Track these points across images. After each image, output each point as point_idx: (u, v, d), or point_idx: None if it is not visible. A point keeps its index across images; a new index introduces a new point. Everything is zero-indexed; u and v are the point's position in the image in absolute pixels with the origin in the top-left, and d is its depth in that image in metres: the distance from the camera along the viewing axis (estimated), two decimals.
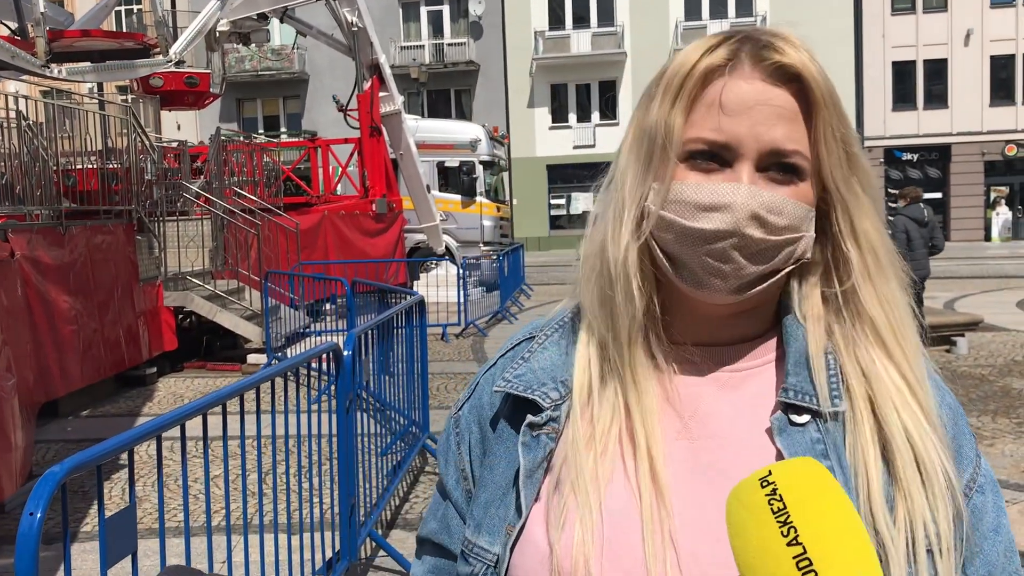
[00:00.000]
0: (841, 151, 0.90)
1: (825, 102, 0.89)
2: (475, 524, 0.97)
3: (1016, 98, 34.75)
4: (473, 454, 1.02)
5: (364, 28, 15.81)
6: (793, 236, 0.90)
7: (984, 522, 0.91)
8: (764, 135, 0.88)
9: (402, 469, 5.59)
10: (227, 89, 18.81)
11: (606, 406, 0.93)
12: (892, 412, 0.88)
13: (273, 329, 10.18)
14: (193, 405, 2.77)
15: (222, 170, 13.42)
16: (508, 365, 1.01)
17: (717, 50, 0.91)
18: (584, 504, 0.87)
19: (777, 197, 0.88)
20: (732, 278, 0.89)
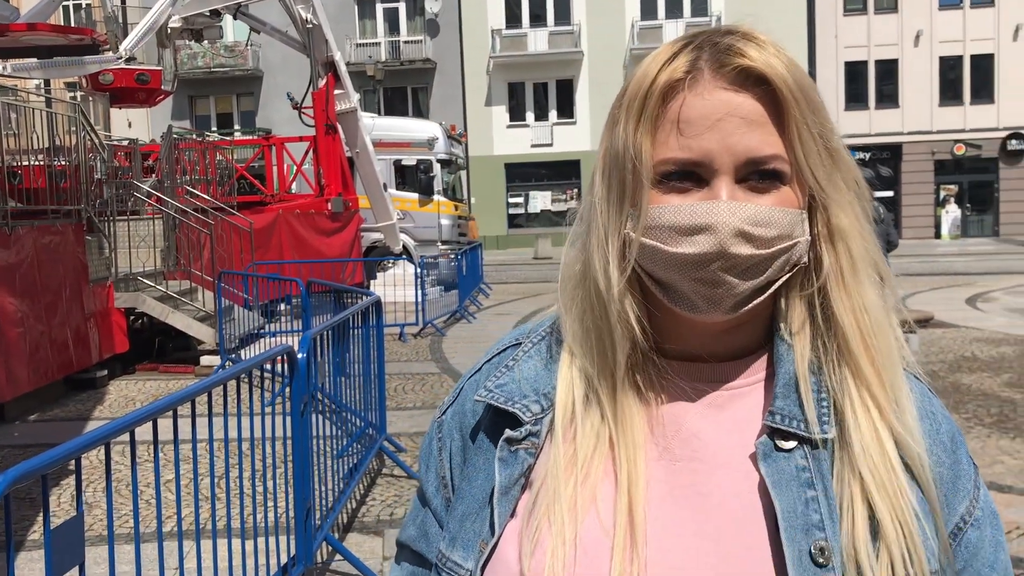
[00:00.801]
0: (820, 146, 0.86)
1: (796, 99, 0.84)
2: (450, 537, 0.94)
3: (964, 98, 35.47)
4: (454, 462, 1.00)
5: (319, 25, 15.66)
6: (786, 245, 0.85)
7: (979, 558, 0.89)
8: (737, 146, 0.83)
9: (359, 471, 5.53)
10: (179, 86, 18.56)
11: (589, 432, 0.90)
12: (860, 451, 0.84)
13: (227, 330, 10.03)
14: (144, 411, 2.71)
15: (174, 169, 13.22)
16: (492, 372, 0.98)
17: (676, 61, 0.87)
18: (558, 534, 0.84)
19: (762, 208, 0.84)
20: (727, 298, 0.85)
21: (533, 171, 36.40)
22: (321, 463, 4.67)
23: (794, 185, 0.86)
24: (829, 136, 0.87)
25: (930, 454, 0.88)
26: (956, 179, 36.16)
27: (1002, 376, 8.87)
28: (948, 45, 35.28)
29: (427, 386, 9.19)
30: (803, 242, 0.87)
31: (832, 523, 0.82)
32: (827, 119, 0.87)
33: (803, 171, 0.85)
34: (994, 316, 13.39)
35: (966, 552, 0.88)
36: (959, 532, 0.88)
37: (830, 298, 0.88)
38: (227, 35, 33.57)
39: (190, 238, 11.81)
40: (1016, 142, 35.07)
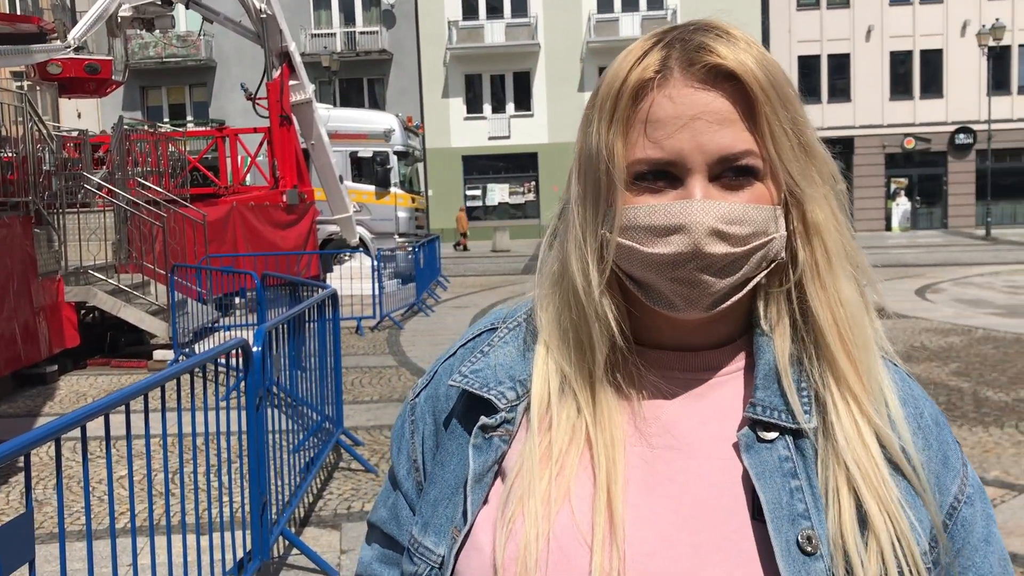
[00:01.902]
0: (794, 141, 0.85)
1: (767, 95, 0.84)
2: (423, 522, 0.93)
3: (914, 93, 36.09)
4: (426, 446, 0.99)
5: (273, 15, 15.49)
6: (761, 241, 0.85)
7: (974, 534, 0.90)
8: (709, 144, 0.83)
9: (315, 466, 5.50)
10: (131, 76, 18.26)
11: (565, 424, 0.89)
12: (844, 444, 0.84)
13: (180, 324, 9.91)
14: (95, 405, 2.66)
15: (125, 160, 12.99)
16: (467, 357, 0.97)
17: (646, 59, 0.86)
18: (532, 527, 0.84)
19: (736, 206, 0.84)
20: (704, 297, 0.85)
21: (491, 164, 36.38)
22: (277, 457, 4.64)
23: (768, 181, 0.86)
24: (802, 130, 0.86)
25: (916, 438, 0.88)
26: (906, 172, 36.81)
27: (950, 366, 9.06)
28: (898, 40, 35.88)
29: (384, 379, 9.16)
30: (779, 238, 0.87)
31: (818, 512, 0.83)
32: (800, 112, 0.87)
33: (776, 166, 0.85)
34: (942, 307, 13.67)
35: (962, 530, 0.89)
36: (954, 511, 0.89)
37: (806, 293, 0.88)
38: (179, 25, 33.09)
39: (142, 231, 11.63)
40: (964, 136, 35.79)
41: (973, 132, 35.46)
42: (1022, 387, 8.02)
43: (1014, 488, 5.35)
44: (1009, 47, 34.80)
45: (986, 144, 33.67)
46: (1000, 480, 5.51)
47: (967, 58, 35.19)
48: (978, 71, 34.80)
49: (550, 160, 34.94)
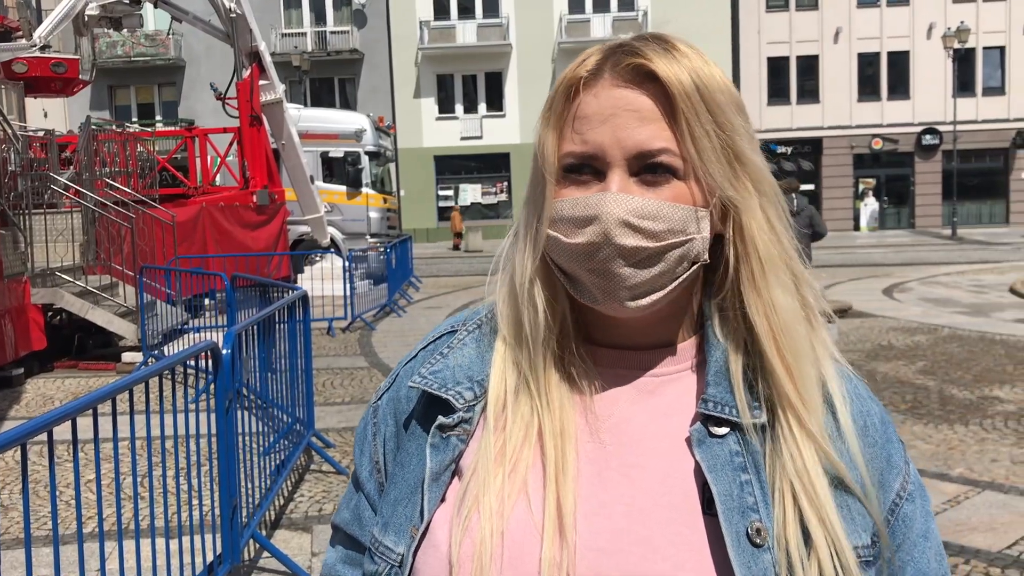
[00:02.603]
0: (717, 145, 0.87)
1: (688, 97, 0.86)
2: (383, 522, 0.95)
3: (881, 94, 36.49)
4: (387, 447, 1.00)
5: (242, 14, 15.37)
6: (678, 240, 0.87)
7: (914, 530, 0.92)
8: (627, 139, 0.86)
9: (286, 468, 5.48)
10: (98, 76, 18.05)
11: (519, 422, 0.91)
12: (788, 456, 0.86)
13: (149, 326, 9.82)
14: (62, 410, 2.64)
15: (93, 160, 12.85)
16: (427, 359, 0.99)
17: (587, 62, 0.91)
18: (487, 524, 0.86)
19: (649, 201, 0.86)
20: (622, 289, 0.87)
21: (463, 163, 36.35)
22: (248, 460, 4.62)
23: (691, 182, 0.87)
24: (732, 137, 0.88)
25: (863, 438, 0.91)
26: (874, 172, 37.21)
27: (916, 364, 9.18)
28: (866, 42, 36.26)
29: (356, 381, 9.13)
30: (700, 239, 0.88)
31: (766, 507, 0.85)
32: (731, 120, 0.88)
33: (697, 168, 0.87)
34: (909, 306, 13.84)
35: (903, 526, 0.92)
36: (896, 508, 0.92)
37: (742, 299, 0.90)
38: (148, 23, 32.75)
39: (110, 232, 11.51)
40: (930, 137, 36.23)
41: (939, 133, 35.92)
42: (986, 385, 8.15)
43: (977, 484, 5.44)
44: (974, 49, 35.30)
45: (952, 145, 34.15)
46: (964, 477, 5.59)
47: (933, 60, 35.64)
48: (944, 73, 35.26)
49: (522, 160, 34.95)
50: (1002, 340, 10.52)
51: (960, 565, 4.33)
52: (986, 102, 36.19)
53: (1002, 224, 36.80)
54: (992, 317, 12.47)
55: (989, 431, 6.63)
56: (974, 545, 4.54)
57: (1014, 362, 9.18)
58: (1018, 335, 10.86)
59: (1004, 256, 23.08)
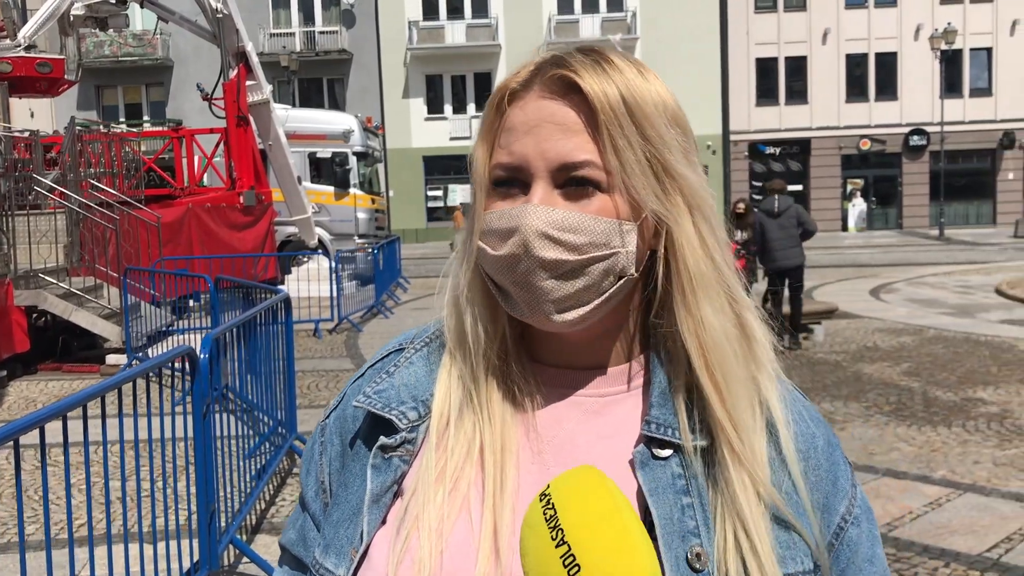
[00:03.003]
0: (643, 159, 0.85)
1: (613, 110, 0.85)
2: (324, 544, 0.93)
3: (869, 95, 36.62)
4: (332, 467, 0.99)
5: (229, 14, 15.32)
6: (601, 253, 0.86)
7: (859, 554, 0.91)
8: (550, 151, 0.85)
9: (267, 472, 5.45)
10: (86, 76, 17.97)
11: (462, 440, 0.90)
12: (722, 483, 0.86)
13: (133, 328, 9.77)
14: (31, 417, 2.61)
15: (77, 161, 12.78)
16: (373, 378, 0.98)
17: (519, 74, 0.90)
18: (426, 544, 0.85)
19: (570, 214, 0.85)
20: (546, 302, 0.86)
21: (452, 164, 36.31)
22: (228, 464, 4.59)
23: (615, 195, 0.86)
24: (660, 150, 0.86)
25: (808, 460, 0.90)
26: (862, 173, 37.35)
27: (901, 365, 9.20)
28: (854, 43, 36.40)
29: (341, 383, 9.10)
30: (624, 253, 0.86)
31: (708, 531, 0.84)
32: (662, 133, 0.86)
33: (621, 181, 0.85)
34: (896, 307, 13.89)
35: (848, 550, 0.91)
36: (841, 531, 0.90)
37: (674, 318, 0.89)
38: (135, 23, 32.64)
39: (94, 233, 11.45)
40: (917, 138, 36.38)
41: (927, 134, 36.07)
42: (970, 387, 8.17)
43: (959, 487, 5.45)
44: (961, 51, 35.47)
45: (939, 146, 34.29)
46: (946, 479, 5.60)
47: (920, 61, 35.79)
48: (931, 74, 35.41)
49: None
50: (987, 341, 10.56)
51: (940, 568, 4.34)
52: (973, 103, 36.36)
53: (989, 225, 36.98)
54: (978, 318, 12.51)
55: (972, 433, 6.65)
56: (954, 548, 4.54)
57: (998, 363, 9.21)
58: (1003, 336, 10.91)
59: (991, 257, 23.18)
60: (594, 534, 0.73)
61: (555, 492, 0.77)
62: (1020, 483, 5.51)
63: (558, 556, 0.73)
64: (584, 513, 0.75)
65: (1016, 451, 6.17)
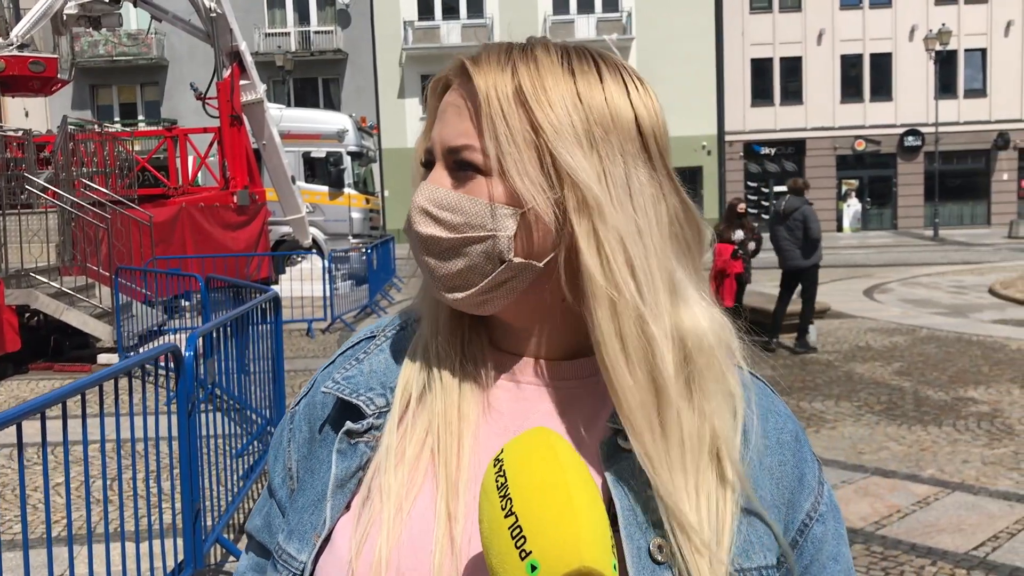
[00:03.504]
0: (526, 149, 0.84)
1: (499, 100, 0.84)
2: (288, 529, 0.93)
3: (864, 95, 36.67)
4: (300, 453, 0.98)
5: (223, 14, 15.32)
6: (476, 235, 0.86)
7: (823, 551, 0.91)
8: (444, 134, 0.89)
9: (256, 471, 5.44)
10: (80, 75, 17.96)
11: (422, 418, 0.90)
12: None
13: (125, 327, 9.75)
14: (6, 415, 2.60)
15: (70, 160, 12.76)
16: (343, 364, 0.98)
17: (452, 65, 0.93)
18: (386, 528, 0.84)
19: (448, 192, 0.87)
20: (434, 279, 0.90)
21: None
22: (216, 463, 4.58)
23: (495, 180, 0.85)
24: (553, 143, 0.84)
25: (775, 453, 0.89)
26: (857, 174, 37.39)
27: (893, 365, 9.21)
28: (849, 44, 36.44)
29: None
30: (503, 238, 0.85)
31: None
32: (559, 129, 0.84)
33: (497, 167, 0.85)
34: (889, 307, 13.89)
35: (812, 547, 0.90)
36: (805, 528, 0.90)
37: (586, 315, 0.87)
38: (130, 23, 32.63)
39: (87, 232, 11.43)
40: (912, 138, 36.43)
41: (921, 135, 36.13)
42: (961, 386, 8.18)
43: (947, 486, 5.45)
44: (955, 52, 35.53)
45: (934, 146, 34.34)
46: (935, 478, 5.60)
47: (915, 62, 35.84)
48: (926, 75, 35.47)
49: None
50: (979, 341, 10.57)
51: (927, 566, 4.34)
52: (968, 104, 36.43)
53: (983, 225, 37.04)
54: (971, 318, 12.53)
55: (962, 432, 6.65)
56: (941, 546, 4.54)
57: (990, 363, 9.22)
58: (995, 336, 10.92)
59: (985, 257, 23.22)
60: (539, 504, 0.72)
61: (507, 457, 0.76)
62: (1009, 482, 5.52)
63: (506, 526, 0.72)
64: (530, 480, 0.73)
65: (1005, 450, 6.17)
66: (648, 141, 0.87)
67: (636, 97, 0.88)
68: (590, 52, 0.90)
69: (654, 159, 0.88)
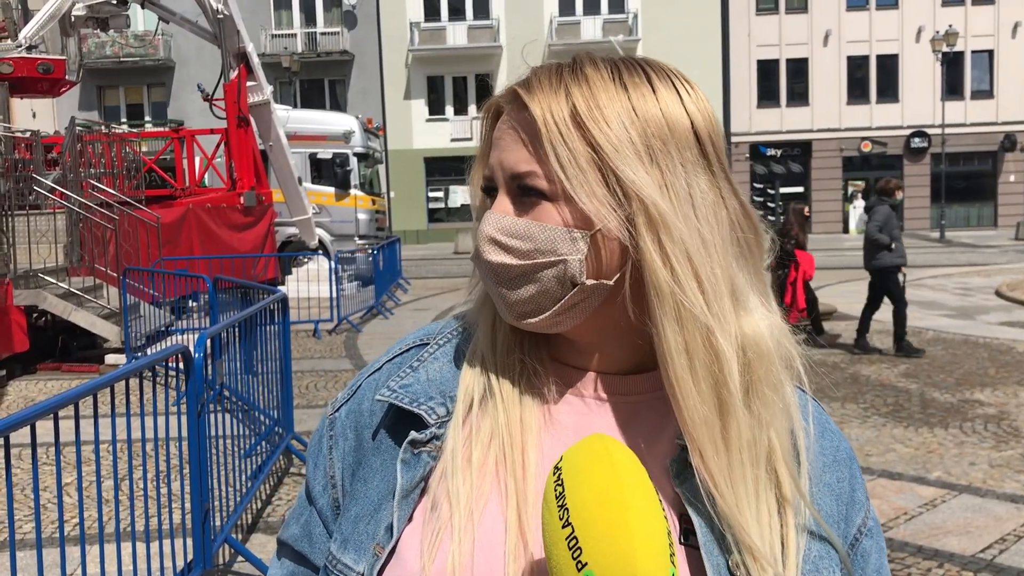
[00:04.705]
0: (589, 170, 0.85)
1: (556, 124, 0.85)
2: (342, 539, 0.92)
3: (870, 97, 36.60)
4: (345, 462, 0.97)
5: (230, 15, 15.34)
6: (548, 260, 0.86)
7: (870, 564, 0.93)
8: (505, 161, 0.88)
9: (263, 471, 5.46)
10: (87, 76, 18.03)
11: (485, 427, 0.90)
12: None
13: (133, 328, 9.78)
14: (20, 415, 2.62)
15: (78, 161, 12.80)
16: (395, 372, 0.97)
17: (504, 92, 0.93)
18: (457, 536, 0.84)
19: (516, 221, 0.87)
20: (505, 305, 0.89)
21: (453, 165, 36.32)
22: (225, 463, 4.60)
23: (562, 204, 0.86)
24: (614, 161, 0.85)
25: (833, 470, 0.92)
26: (863, 175, 37.31)
27: (899, 367, 9.20)
28: (855, 45, 36.38)
29: (340, 383, 9.11)
30: (574, 261, 0.86)
31: None
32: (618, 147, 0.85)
33: (562, 191, 0.85)
34: None
35: (861, 560, 0.93)
36: (856, 543, 0.92)
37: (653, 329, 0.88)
38: (137, 24, 32.69)
39: (94, 233, 11.47)
40: (919, 140, 36.35)
41: (928, 136, 36.05)
42: (967, 388, 8.17)
43: (954, 488, 5.45)
44: (962, 53, 35.45)
45: (940, 148, 34.25)
46: (941, 480, 5.61)
47: (922, 63, 35.76)
48: (932, 76, 35.40)
49: None
50: (985, 343, 10.56)
51: (934, 568, 4.34)
52: (974, 105, 36.34)
53: (990, 227, 36.95)
54: (977, 320, 12.51)
55: (969, 434, 6.65)
56: (948, 549, 4.55)
57: (996, 365, 9.21)
58: (1001, 338, 10.90)
59: (991, 259, 23.16)
60: (594, 514, 0.72)
61: (565, 465, 0.76)
62: (1016, 484, 5.51)
63: (564, 536, 0.72)
64: (586, 490, 0.73)
65: (1012, 452, 6.17)
66: (705, 146, 0.88)
67: (689, 103, 0.88)
68: (639, 63, 0.90)
69: (712, 164, 0.88)
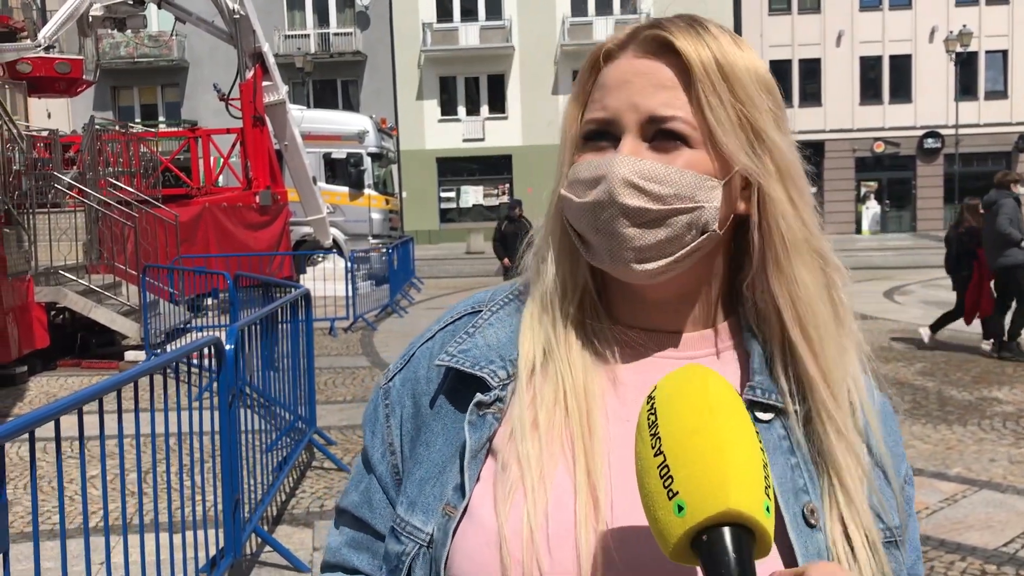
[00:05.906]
0: (734, 118, 0.88)
1: (706, 69, 0.88)
2: (408, 502, 0.93)
3: (883, 97, 36.50)
4: (404, 429, 0.99)
5: (246, 16, 15.43)
6: (685, 206, 0.87)
7: (910, 510, 0.98)
8: (641, 104, 0.88)
9: (288, 464, 5.52)
10: (101, 76, 18.10)
11: (549, 389, 0.92)
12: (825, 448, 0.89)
13: (152, 325, 9.86)
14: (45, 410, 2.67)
15: (96, 160, 12.90)
16: (450, 339, 0.98)
17: (616, 37, 0.94)
18: (531, 488, 0.86)
19: (657, 165, 0.87)
20: (627, 250, 0.88)
21: (465, 166, 36.40)
22: (250, 456, 4.65)
23: (703, 151, 0.88)
24: (752, 112, 0.89)
25: (886, 422, 0.97)
26: (876, 176, 37.22)
27: (915, 366, 9.20)
28: (868, 45, 36.28)
29: (357, 380, 9.17)
30: (710, 208, 0.88)
31: (814, 487, 0.88)
32: (753, 96, 0.90)
33: (711, 138, 0.88)
34: (910, 308, 13.86)
35: (907, 506, 0.97)
36: (902, 490, 0.97)
37: (765, 278, 0.91)
38: (152, 24, 32.84)
39: (113, 231, 11.56)
40: (932, 140, 36.23)
41: (941, 136, 35.92)
42: (984, 386, 8.17)
43: (975, 484, 5.47)
44: (976, 53, 35.31)
45: (954, 148, 34.13)
46: (961, 476, 5.62)
47: (935, 64, 35.64)
48: (946, 76, 35.27)
49: (524, 162, 35.02)
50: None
51: (956, 562, 4.36)
52: (988, 106, 36.19)
53: None
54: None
55: (987, 431, 6.66)
56: (970, 543, 4.57)
57: (1013, 363, 9.20)
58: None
59: None
60: (686, 444, 0.72)
61: (658, 395, 0.76)
62: None
63: (655, 465, 0.72)
64: (679, 419, 0.73)
65: None
66: (781, 105, 0.95)
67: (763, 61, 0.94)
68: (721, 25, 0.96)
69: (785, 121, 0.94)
